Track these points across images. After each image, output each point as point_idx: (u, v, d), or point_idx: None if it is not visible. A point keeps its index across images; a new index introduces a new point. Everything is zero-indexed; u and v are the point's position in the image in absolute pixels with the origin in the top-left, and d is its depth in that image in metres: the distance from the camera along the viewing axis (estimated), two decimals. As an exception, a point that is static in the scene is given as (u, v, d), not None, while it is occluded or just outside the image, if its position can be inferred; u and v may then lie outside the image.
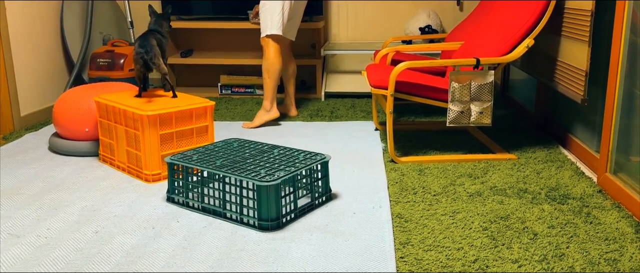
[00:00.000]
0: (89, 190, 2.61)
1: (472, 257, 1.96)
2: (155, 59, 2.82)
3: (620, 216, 2.27)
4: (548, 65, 3.11)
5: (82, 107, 3.06)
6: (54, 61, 4.12)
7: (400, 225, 2.21)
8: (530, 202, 2.43)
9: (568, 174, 2.75)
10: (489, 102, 2.83)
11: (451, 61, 2.88)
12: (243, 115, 3.96)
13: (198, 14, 4.71)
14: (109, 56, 4.09)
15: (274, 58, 3.51)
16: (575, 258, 1.95)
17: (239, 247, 2.05)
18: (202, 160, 2.39)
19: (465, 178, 2.70)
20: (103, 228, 2.21)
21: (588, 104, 2.79)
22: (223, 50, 4.92)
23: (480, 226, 2.20)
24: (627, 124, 2.44)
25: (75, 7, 4.28)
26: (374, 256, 1.97)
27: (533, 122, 3.67)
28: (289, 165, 2.32)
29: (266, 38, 3.51)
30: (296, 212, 2.28)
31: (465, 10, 4.68)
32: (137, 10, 4.82)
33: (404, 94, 2.93)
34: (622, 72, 2.44)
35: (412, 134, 3.45)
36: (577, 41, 2.76)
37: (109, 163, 2.96)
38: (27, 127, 3.75)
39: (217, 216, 2.30)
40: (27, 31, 3.81)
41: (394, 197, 2.49)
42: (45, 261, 1.95)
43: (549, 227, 2.19)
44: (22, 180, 2.74)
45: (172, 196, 2.45)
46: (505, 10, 3.17)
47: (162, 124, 2.70)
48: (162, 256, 1.98)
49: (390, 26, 4.76)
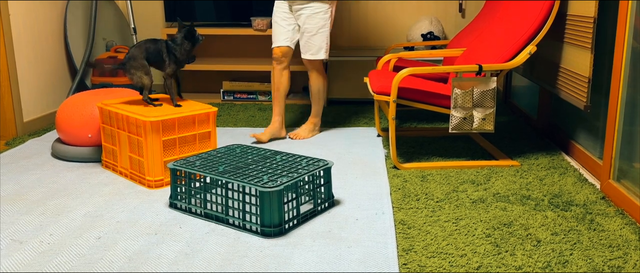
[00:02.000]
0: (91, 196, 2.61)
1: (475, 264, 1.95)
2: (128, 67, 2.85)
3: (624, 223, 2.26)
4: (550, 71, 3.11)
5: (84, 113, 3.07)
6: (57, 67, 4.13)
7: (403, 232, 2.20)
8: (533, 208, 2.42)
9: (571, 181, 2.74)
10: (492, 108, 2.83)
11: (454, 67, 2.88)
12: (245, 121, 3.96)
13: (201, 20, 4.72)
14: (112, 62, 4.10)
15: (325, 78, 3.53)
16: (578, 265, 1.95)
17: (242, 253, 2.05)
18: (204, 166, 2.39)
19: (468, 185, 2.70)
20: (106, 234, 2.20)
21: (591, 110, 2.78)
22: (226, 57, 4.93)
23: (484, 233, 2.19)
24: (630, 130, 2.44)
25: (79, 13, 4.30)
26: (377, 262, 1.96)
27: (536, 129, 3.67)
28: (291, 171, 2.32)
29: (316, 60, 3.44)
30: (299, 218, 2.28)
31: (467, 17, 4.69)
32: (140, 16, 4.84)
33: (407, 100, 2.93)
34: (624, 79, 2.44)
35: (414, 141, 3.45)
36: (579, 48, 2.76)
37: (111, 169, 2.96)
38: (30, 132, 3.75)
39: (219, 222, 2.30)
40: (30, 37, 3.83)
41: (396, 203, 2.49)
42: (48, 267, 1.95)
43: (553, 233, 2.18)
44: (25, 185, 2.74)
45: (175, 202, 2.45)
46: (508, 17, 3.18)
47: (165, 130, 2.70)
48: (165, 262, 1.98)
49: (392, 33, 4.77)
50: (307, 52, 3.41)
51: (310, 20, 3.34)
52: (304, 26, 3.36)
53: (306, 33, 3.37)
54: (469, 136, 3.53)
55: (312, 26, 3.35)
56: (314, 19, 3.33)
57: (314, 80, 3.50)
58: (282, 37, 3.43)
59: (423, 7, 4.69)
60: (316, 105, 3.58)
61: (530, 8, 2.96)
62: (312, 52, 3.40)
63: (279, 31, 3.43)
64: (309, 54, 3.41)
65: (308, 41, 3.37)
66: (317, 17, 3.33)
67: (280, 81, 3.49)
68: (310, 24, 3.35)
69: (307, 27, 3.35)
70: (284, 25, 3.41)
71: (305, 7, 3.33)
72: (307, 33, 3.36)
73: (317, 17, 3.33)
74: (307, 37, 3.37)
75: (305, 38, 3.38)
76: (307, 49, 3.40)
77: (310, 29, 3.35)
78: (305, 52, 3.41)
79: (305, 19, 3.34)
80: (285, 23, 3.41)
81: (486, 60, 2.97)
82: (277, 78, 3.49)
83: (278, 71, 3.49)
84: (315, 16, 3.33)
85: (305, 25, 3.36)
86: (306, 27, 3.36)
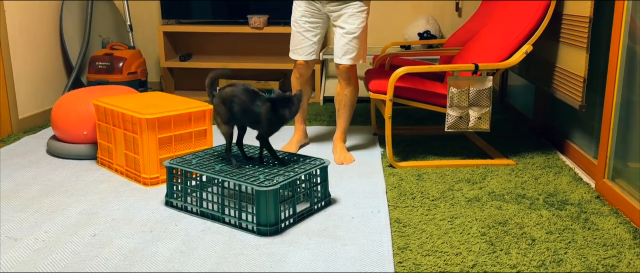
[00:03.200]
0: (87, 193, 2.61)
1: (470, 262, 1.96)
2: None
3: (618, 222, 2.27)
4: (546, 71, 3.12)
5: (80, 110, 3.06)
6: (52, 64, 4.12)
7: (399, 230, 2.21)
8: (528, 207, 2.43)
9: (566, 180, 2.75)
10: (488, 107, 2.84)
11: (450, 66, 2.89)
12: (242, 119, 3.95)
13: (197, 18, 4.72)
14: (108, 59, 4.10)
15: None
16: (573, 264, 1.96)
17: (237, 251, 2.05)
18: (201, 164, 2.39)
19: (463, 184, 2.70)
20: (101, 232, 2.20)
21: (586, 110, 2.79)
22: (222, 54, 4.92)
23: (479, 231, 2.20)
24: (625, 130, 2.45)
25: (75, 9, 4.29)
26: (372, 261, 1.97)
27: (531, 128, 3.68)
28: (288, 170, 2.32)
29: (352, 66, 3.01)
30: (295, 217, 2.28)
31: (463, 16, 4.70)
32: (136, 14, 4.83)
33: (403, 99, 2.93)
34: (620, 79, 2.45)
35: (410, 139, 3.45)
36: (575, 47, 2.77)
37: (107, 167, 2.95)
38: (26, 129, 3.74)
39: (215, 220, 2.30)
40: (26, 34, 3.81)
41: (392, 202, 2.50)
42: (42, 264, 1.95)
43: (547, 232, 2.19)
44: (20, 183, 2.74)
45: (171, 200, 2.44)
46: (504, 16, 3.18)
47: (161, 127, 2.70)
48: (160, 259, 1.98)
49: (389, 31, 4.77)
50: (346, 55, 2.95)
51: (353, 20, 2.92)
52: (347, 27, 2.93)
53: (348, 34, 2.93)
54: (465, 135, 3.54)
55: (354, 27, 2.92)
56: (357, 18, 2.92)
57: (351, 90, 3.04)
58: (307, 49, 3.06)
59: (420, 6, 4.70)
60: (347, 120, 3.14)
61: (526, 8, 2.96)
62: (352, 56, 2.95)
63: (304, 43, 3.06)
64: (347, 57, 2.96)
65: (348, 43, 2.94)
66: (360, 17, 2.92)
67: (303, 91, 2.93)
68: (353, 25, 2.92)
69: (350, 28, 2.92)
70: (309, 36, 3.05)
71: (346, 5, 2.91)
72: (350, 34, 2.93)
73: (361, 16, 2.92)
74: (348, 39, 2.93)
75: (345, 40, 2.94)
76: (347, 53, 2.95)
77: (352, 29, 2.92)
78: (344, 56, 2.96)
79: (347, 19, 2.92)
80: (311, 34, 3.04)
81: (482, 60, 2.97)
82: (297, 87, 3.15)
83: (300, 82, 3.14)
84: (360, 16, 2.92)
85: (347, 26, 2.93)
86: (349, 28, 2.93)
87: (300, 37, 3.05)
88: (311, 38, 3.05)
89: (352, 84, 3.04)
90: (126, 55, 4.13)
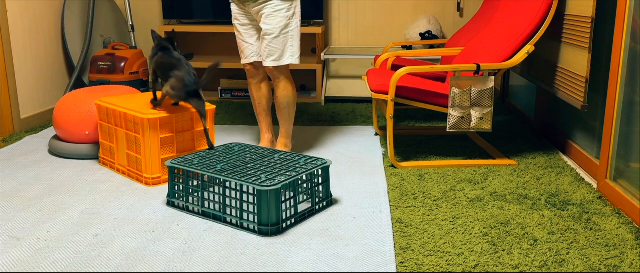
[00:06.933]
0: (89, 193, 2.61)
1: (472, 263, 1.96)
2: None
3: (621, 222, 2.27)
4: (548, 71, 3.11)
5: (82, 110, 3.06)
6: (54, 64, 4.13)
7: (401, 230, 2.21)
8: (530, 208, 2.43)
9: (568, 180, 2.75)
10: (489, 107, 2.84)
11: (451, 67, 2.89)
12: (243, 120, 3.96)
13: (198, 18, 4.72)
14: (110, 59, 4.10)
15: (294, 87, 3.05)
16: (575, 264, 1.95)
17: (239, 251, 2.05)
18: (202, 164, 2.39)
19: (465, 184, 2.70)
20: (103, 232, 2.20)
21: (588, 110, 2.79)
22: (223, 54, 4.92)
23: (481, 232, 2.20)
24: (627, 130, 2.45)
25: (76, 9, 4.29)
26: (375, 261, 1.97)
27: (533, 128, 3.68)
28: (289, 170, 2.32)
29: (282, 67, 2.94)
30: (296, 217, 2.28)
31: (465, 16, 4.70)
32: (138, 14, 4.83)
33: (405, 99, 2.93)
34: (622, 79, 2.45)
35: (412, 139, 3.45)
36: (577, 48, 2.77)
37: (109, 167, 2.95)
38: (27, 129, 3.75)
39: (217, 220, 2.30)
40: (28, 34, 3.82)
41: (394, 202, 2.49)
42: (45, 264, 1.95)
43: (549, 233, 2.19)
44: (22, 182, 2.74)
45: (173, 200, 2.44)
46: (506, 17, 3.18)
47: (163, 127, 2.70)
48: (162, 259, 1.98)
49: (390, 31, 4.77)
50: (269, 57, 2.89)
51: (270, 21, 2.84)
52: (265, 27, 2.86)
53: (267, 36, 2.86)
54: (467, 135, 3.54)
55: (271, 27, 2.85)
56: (274, 18, 2.84)
57: (281, 92, 2.98)
58: (248, 52, 3.01)
59: (421, 6, 4.70)
60: (286, 123, 3.07)
61: (528, 8, 2.96)
62: (274, 57, 2.89)
63: (243, 46, 3.02)
64: (270, 59, 2.89)
65: (269, 45, 2.86)
66: (278, 16, 2.84)
67: (260, 95, 3.09)
68: (270, 25, 2.85)
69: (267, 28, 2.85)
70: (246, 39, 2.99)
71: (263, 5, 2.84)
72: (268, 35, 2.86)
73: (279, 16, 2.84)
74: (268, 40, 2.86)
75: (265, 41, 2.88)
76: (269, 54, 2.89)
77: (270, 30, 2.85)
78: (267, 57, 2.90)
79: (265, 19, 2.85)
80: (247, 35, 2.98)
81: (484, 60, 2.97)
82: (256, 93, 3.09)
83: (255, 86, 3.09)
84: (276, 15, 2.84)
85: (265, 26, 2.86)
86: (266, 28, 2.86)
87: (240, 40, 3.03)
88: (248, 40, 2.99)
89: (282, 84, 2.97)
90: (128, 55, 4.13)
